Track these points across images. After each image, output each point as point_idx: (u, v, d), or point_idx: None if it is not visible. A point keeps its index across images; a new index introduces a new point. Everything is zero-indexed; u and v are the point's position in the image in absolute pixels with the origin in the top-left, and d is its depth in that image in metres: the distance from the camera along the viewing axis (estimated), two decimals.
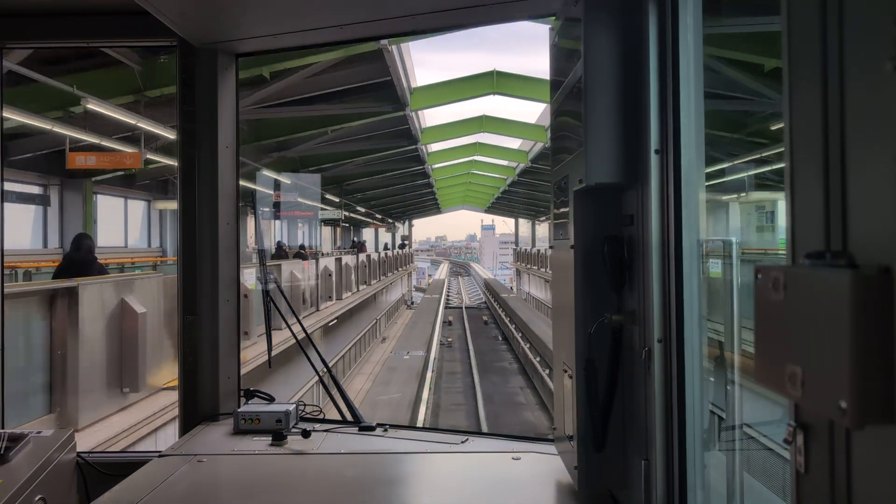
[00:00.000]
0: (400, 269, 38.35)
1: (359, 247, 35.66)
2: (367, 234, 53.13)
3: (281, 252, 21.83)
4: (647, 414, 1.82)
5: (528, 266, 44.17)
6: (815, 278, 0.82)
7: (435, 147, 25.79)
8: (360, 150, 22.08)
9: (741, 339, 1.70)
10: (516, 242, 60.74)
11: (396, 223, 53.02)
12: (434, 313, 35.96)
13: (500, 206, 50.36)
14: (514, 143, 27.04)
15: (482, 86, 16.80)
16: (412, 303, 46.83)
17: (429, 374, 21.08)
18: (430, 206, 50.90)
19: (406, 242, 51.87)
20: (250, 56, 3.26)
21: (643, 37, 1.82)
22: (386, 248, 40.13)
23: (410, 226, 59.50)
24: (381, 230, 52.99)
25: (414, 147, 21.85)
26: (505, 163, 31.08)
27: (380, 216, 47.12)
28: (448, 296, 57.55)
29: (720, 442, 1.82)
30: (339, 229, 44.33)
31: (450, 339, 32.00)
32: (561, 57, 2.28)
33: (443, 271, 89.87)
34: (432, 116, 23.11)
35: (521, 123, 22.66)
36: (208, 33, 3.00)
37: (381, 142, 20.84)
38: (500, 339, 33.57)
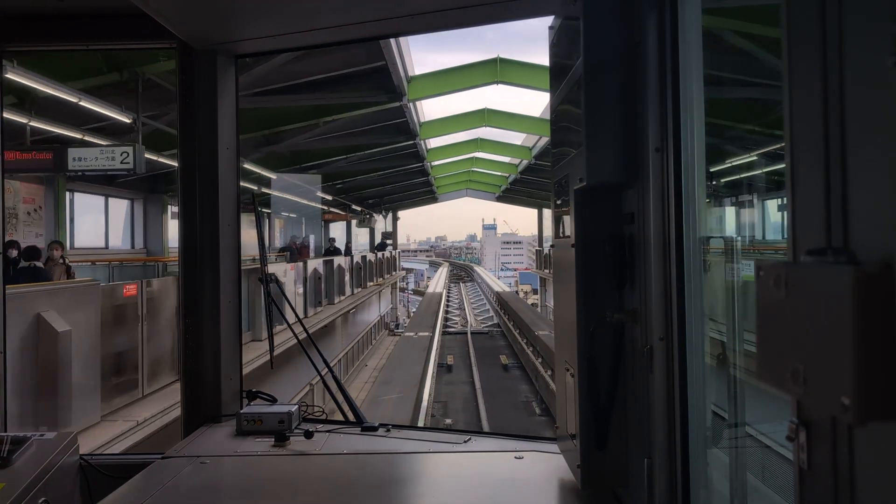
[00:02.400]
0: (371, 285, 24.34)
1: (295, 251, 20.76)
2: (337, 230, 34.35)
3: (44, 268, 9.04)
4: (649, 412, 1.82)
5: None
6: (816, 275, 0.82)
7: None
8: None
9: (742, 337, 1.70)
10: (540, 241, 40.78)
11: (373, 214, 34.86)
12: (424, 352, 20.94)
13: (518, 192, 34.71)
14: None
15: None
16: (397, 326, 32.78)
17: None
18: (422, 192, 36.02)
19: (388, 242, 35.06)
20: (250, 57, 3.27)
21: (643, 35, 1.82)
22: (337, 251, 23.06)
23: (395, 219, 39.49)
24: (351, 223, 34.28)
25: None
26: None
27: (330, 197, 28.45)
28: (447, 310, 41.07)
29: (722, 440, 1.82)
30: (279, 222, 29.56)
31: (449, 422, 16.46)
32: (560, 56, 2.28)
33: (440, 278, 65.93)
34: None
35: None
36: (208, 35, 3.00)
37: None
38: (539, 410, 17.22)
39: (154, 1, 2.57)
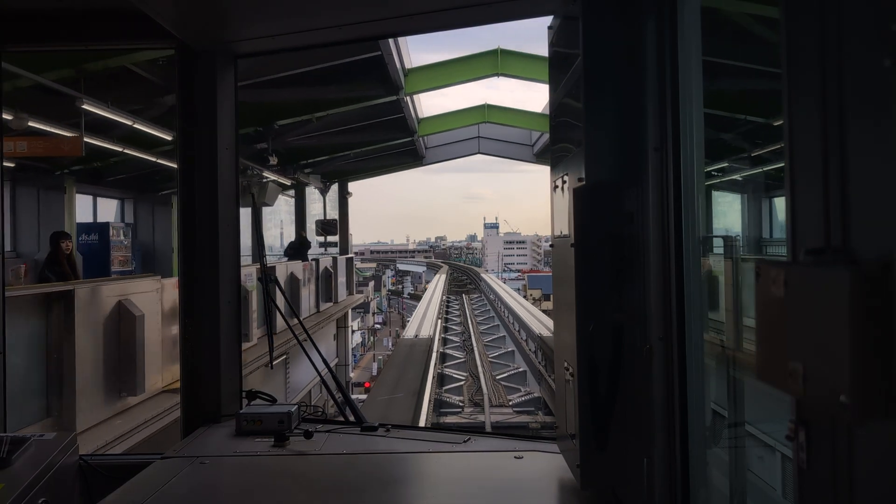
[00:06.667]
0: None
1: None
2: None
3: None
4: (648, 412, 1.82)
5: None
6: (815, 275, 0.82)
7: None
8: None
9: (742, 336, 1.70)
10: None
11: (271, 179, 14.61)
12: None
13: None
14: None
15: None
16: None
17: None
18: (397, 146, 18.32)
19: (309, 241, 17.12)
20: (250, 57, 3.27)
21: (642, 34, 1.82)
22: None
23: (343, 195, 21.16)
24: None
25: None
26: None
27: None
28: (444, 349, 24.53)
29: (722, 439, 1.82)
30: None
31: None
32: (559, 56, 2.28)
33: (435, 294, 42.62)
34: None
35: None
36: (207, 35, 3.00)
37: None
38: None
39: (153, 1, 2.57)
